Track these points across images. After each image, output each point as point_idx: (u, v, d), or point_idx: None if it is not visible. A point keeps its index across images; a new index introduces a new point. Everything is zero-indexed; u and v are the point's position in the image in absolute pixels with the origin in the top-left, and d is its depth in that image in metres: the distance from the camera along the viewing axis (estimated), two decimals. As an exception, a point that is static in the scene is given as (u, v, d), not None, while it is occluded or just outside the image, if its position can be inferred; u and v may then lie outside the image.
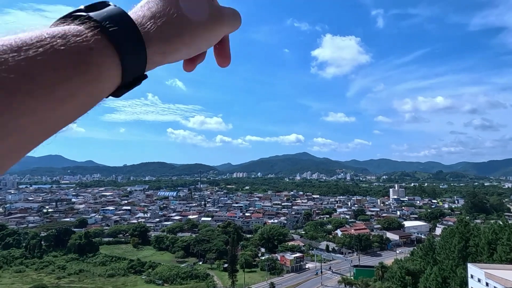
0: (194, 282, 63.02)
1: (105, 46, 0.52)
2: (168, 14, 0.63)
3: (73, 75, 0.47)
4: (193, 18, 0.66)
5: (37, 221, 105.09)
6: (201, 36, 0.68)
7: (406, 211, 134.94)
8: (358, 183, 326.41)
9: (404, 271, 54.86)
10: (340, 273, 68.12)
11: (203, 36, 0.69)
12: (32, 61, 0.44)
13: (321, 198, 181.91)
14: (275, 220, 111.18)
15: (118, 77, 0.54)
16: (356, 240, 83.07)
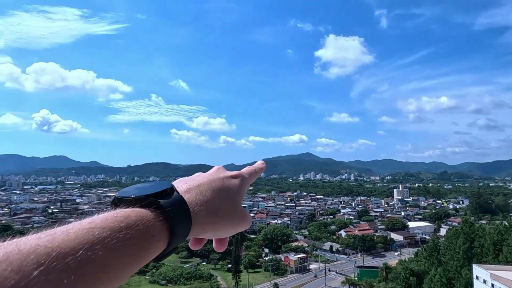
0: (198, 283, 63.09)
1: (164, 231, 0.63)
2: (212, 204, 0.78)
3: (134, 260, 0.60)
4: (224, 217, 0.81)
5: (42, 221, 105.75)
6: (227, 228, 0.83)
7: (411, 212, 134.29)
8: (362, 183, 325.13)
9: (409, 272, 54.59)
10: (344, 273, 67.91)
11: (228, 229, 0.83)
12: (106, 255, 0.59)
13: (325, 198, 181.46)
14: (278, 220, 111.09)
15: (162, 249, 0.65)
16: (360, 241, 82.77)
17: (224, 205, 0.82)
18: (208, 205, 0.77)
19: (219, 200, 0.81)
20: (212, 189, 0.81)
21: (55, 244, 0.58)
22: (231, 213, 0.83)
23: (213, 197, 0.80)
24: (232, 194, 0.86)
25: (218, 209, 0.79)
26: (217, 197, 0.81)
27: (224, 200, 0.82)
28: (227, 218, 0.81)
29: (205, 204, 0.76)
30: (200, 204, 0.75)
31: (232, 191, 0.86)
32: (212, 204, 0.78)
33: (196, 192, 0.77)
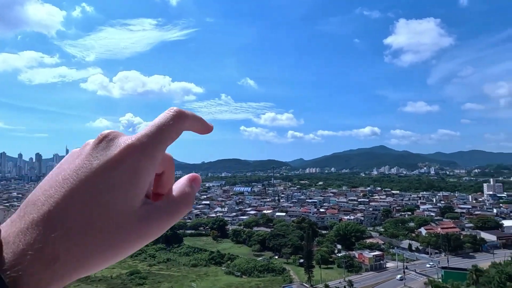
0: (271, 276, 64.44)
1: None
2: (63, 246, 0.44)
3: None
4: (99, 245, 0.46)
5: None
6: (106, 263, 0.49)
7: (505, 209, 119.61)
8: (444, 177, 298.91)
9: (505, 276, 48.68)
10: (426, 274, 63.21)
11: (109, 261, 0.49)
12: None
13: (402, 194, 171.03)
14: (351, 216, 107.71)
15: None
16: (443, 240, 76.27)
17: (94, 228, 0.46)
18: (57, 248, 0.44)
19: (79, 226, 0.45)
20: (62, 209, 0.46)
21: None
22: (111, 234, 0.47)
23: (65, 226, 0.45)
24: (103, 199, 0.48)
25: (79, 242, 0.45)
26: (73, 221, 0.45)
27: (90, 220, 0.46)
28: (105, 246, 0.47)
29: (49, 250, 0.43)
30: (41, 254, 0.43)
31: (103, 192, 0.48)
32: (65, 241, 0.44)
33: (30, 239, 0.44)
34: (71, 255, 0.44)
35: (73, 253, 0.44)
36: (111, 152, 0.50)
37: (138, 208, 0.50)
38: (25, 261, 0.42)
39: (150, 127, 0.54)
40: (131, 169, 0.50)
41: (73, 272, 0.45)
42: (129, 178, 0.49)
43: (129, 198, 0.49)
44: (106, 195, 0.47)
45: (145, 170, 0.51)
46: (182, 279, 65.04)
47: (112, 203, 0.47)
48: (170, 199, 0.56)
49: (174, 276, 66.54)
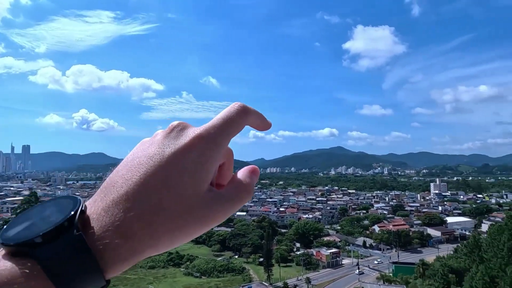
0: (231, 276, 64.30)
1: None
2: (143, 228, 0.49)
3: None
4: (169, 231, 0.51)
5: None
6: (175, 243, 0.53)
7: (449, 207, 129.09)
8: (396, 177, 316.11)
9: (447, 268, 52.63)
10: (378, 269, 66.52)
11: (177, 242, 0.53)
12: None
13: (357, 193, 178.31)
14: (309, 215, 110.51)
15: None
16: (395, 236, 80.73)
17: (166, 210, 0.50)
18: (135, 227, 0.49)
19: (153, 206, 0.50)
20: (139, 191, 0.50)
21: None
22: (181, 217, 0.51)
23: (141, 207, 0.50)
24: (182, 182, 0.52)
25: (153, 222, 0.50)
26: (149, 202, 0.50)
27: (163, 202, 0.51)
28: (175, 227, 0.51)
29: (127, 227, 0.48)
30: (121, 230, 0.48)
31: (175, 177, 0.52)
32: (142, 220, 0.49)
33: (113, 214, 0.49)
34: (145, 233, 0.49)
35: (147, 231, 0.49)
36: (181, 141, 0.54)
37: (204, 193, 0.53)
38: (107, 236, 0.47)
39: (217, 120, 0.58)
40: (199, 157, 0.54)
41: (146, 248, 0.50)
42: (197, 165, 0.53)
43: (197, 184, 0.53)
44: (177, 180, 0.51)
45: (211, 159, 0.55)
46: (138, 281, 62.87)
47: (182, 188, 0.51)
48: (232, 188, 0.59)
49: (130, 279, 64.12)
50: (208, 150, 0.55)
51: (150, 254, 0.51)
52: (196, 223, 0.52)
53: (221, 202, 0.55)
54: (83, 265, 0.45)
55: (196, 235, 0.54)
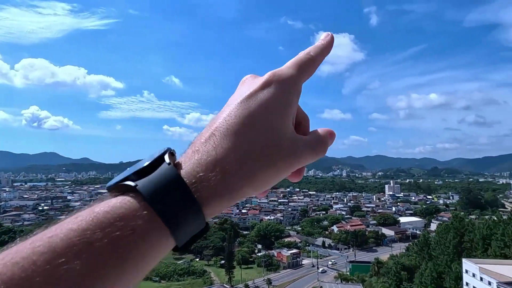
0: (191, 279, 63.14)
1: (150, 223, 0.44)
2: (234, 157, 0.50)
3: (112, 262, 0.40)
4: (263, 167, 0.52)
5: (32, 218, 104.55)
6: (269, 181, 0.54)
7: (402, 207, 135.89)
8: (354, 179, 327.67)
9: (400, 266, 55.38)
10: (336, 269, 68.57)
11: (272, 180, 0.55)
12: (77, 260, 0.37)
13: (318, 194, 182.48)
14: (271, 216, 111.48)
15: (170, 244, 0.47)
16: (352, 236, 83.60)
17: (258, 147, 0.52)
18: (229, 163, 0.50)
19: (246, 145, 0.51)
20: (232, 130, 0.52)
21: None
22: (272, 155, 0.53)
23: (235, 145, 0.51)
24: (267, 121, 0.54)
25: (248, 161, 0.51)
26: (242, 141, 0.52)
27: (256, 140, 0.52)
28: (267, 165, 0.52)
29: (222, 165, 0.49)
30: (213, 168, 0.49)
31: (265, 116, 0.54)
32: (236, 158, 0.50)
33: (206, 150, 0.51)
34: (238, 167, 0.50)
35: (240, 165, 0.50)
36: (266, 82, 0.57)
37: (290, 134, 0.56)
38: (199, 170, 0.49)
39: (297, 60, 0.61)
40: (283, 99, 0.56)
41: (242, 184, 0.51)
42: (284, 106, 0.56)
43: (283, 124, 0.55)
44: (267, 120, 0.54)
45: (293, 102, 0.58)
46: None
47: (271, 127, 0.53)
48: (313, 138, 0.60)
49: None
50: (291, 93, 0.58)
51: (247, 193, 0.52)
52: (286, 161, 0.54)
53: (305, 146, 0.57)
54: (178, 194, 0.46)
55: (285, 174, 0.56)
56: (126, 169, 0.51)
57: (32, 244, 0.38)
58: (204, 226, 0.49)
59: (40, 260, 0.36)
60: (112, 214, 0.42)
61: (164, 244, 0.46)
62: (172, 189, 0.46)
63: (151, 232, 0.44)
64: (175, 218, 0.45)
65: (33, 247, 0.38)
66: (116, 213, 0.42)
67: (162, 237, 0.45)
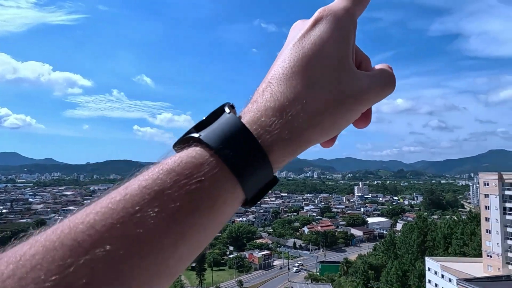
0: (161, 283, 61.79)
1: (218, 169, 0.43)
2: (296, 105, 0.47)
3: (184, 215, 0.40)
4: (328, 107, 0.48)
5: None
6: (338, 123, 0.50)
7: (370, 208, 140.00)
8: (325, 181, 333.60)
9: (367, 265, 57.00)
10: (307, 269, 69.55)
11: (340, 122, 0.51)
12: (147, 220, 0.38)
13: (289, 196, 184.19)
14: (243, 218, 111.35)
15: (240, 196, 0.45)
16: (322, 237, 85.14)
17: (318, 87, 0.48)
18: (290, 106, 0.47)
19: (305, 87, 0.48)
20: (288, 75, 0.49)
21: None
22: (336, 93, 0.49)
23: (294, 88, 0.48)
24: (324, 59, 0.50)
25: (309, 101, 0.47)
26: (301, 83, 0.48)
27: (315, 80, 0.48)
28: (332, 105, 0.48)
29: (283, 109, 0.46)
30: (274, 113, 0.46)
31: (321, 54, 0.50)
32: (296, 100, 0.47)
33: (264, 99, 0.48)
34: (304, 112, 0.47)
35: (306, 110, 0.47)
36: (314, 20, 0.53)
37: (352, 70, 0.52)
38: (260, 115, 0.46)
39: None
40: (338, 34, 0.51)
41: (307, 129, 0.47)
42: (338, 41, 0.51)
43: (343, 60, 0.51)
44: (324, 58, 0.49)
45: (349, 36, 0.53)
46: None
47: (330, 66, 0.49)
48: (380, 72, 0.56)
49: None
50: (346, 27, 0.53)
51: (313, 138, 0.49)
52: (348, 97, 0.50)
53: (372, 81, 0.53)
54: (239, 138, 0.44)
55: (352, 115, 0.52)
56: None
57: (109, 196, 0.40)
58: (271, 178, 0.47)
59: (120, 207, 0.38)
60: (180, 164, 0.42)
61: (234, 195, 0.44)
62: (235, 136, 0.44)
63: (220, 180, 0.43)
64: (243, 165, 0.44)
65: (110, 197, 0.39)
66: (184, 162, 0.42)
67: (231, 187, 0.43)
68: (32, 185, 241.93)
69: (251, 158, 0.44)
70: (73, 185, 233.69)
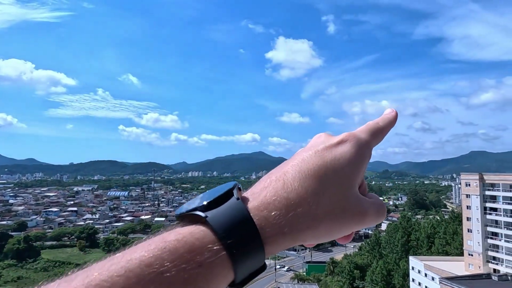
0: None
1: (217, 256, 0.45)
2: (303, 201, 0.51)
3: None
4: (329, 216, 0.52)
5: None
6: (332, 232, 0.54)
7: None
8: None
9: (353, 265, 57.61)
10: (293, 269, 69.87)
11: (334, 232, 0.55)
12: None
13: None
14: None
15: (231, 278, 0.48)
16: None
17: (327, 197, 0.53)
18: (297, 204, 0.51)
19: (315, 192, 0.52)
20: (304, 175, 0.53)
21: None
22: (339, 208, 0.54)
23: (305, 189, 0.52)
24: (339, 174, 0.55)
25: (315, 206, 0.52)
26: (313, 187, 0.52)
27: (325, 189, 0.53)
28: (333, 216, 0.53)
29: (290, 204, 0.51)
30: (281, 206, 0.50)
31: (338, 169, 0.55)
32: (304, 200, 0.51)
33: (275, 188, 0.52)
34: (309, 214, 0.51)
35: (310, 212, 0.51)
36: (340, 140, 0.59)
37: (357, 193, 0.57)
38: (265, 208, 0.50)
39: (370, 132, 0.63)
40: (356, 158, 0.57)
41: (307, 229, 0.51)
42: (354, 165, 0.57)
43: (353, 182, 0.56)
44: (339, 174, 0.55)
45: (364, 163, 0.59)
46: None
47: (342, 183, 0.55)
48: (377, 202, 0.61)
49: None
50: (364, 154, 0.59)
51: (308, 238, 0.52)
52: (348, 216, 0.54)
53: (370, 207, 0.58)
54: (243, 228, 0.47)
55: (346, 230, 0.56)
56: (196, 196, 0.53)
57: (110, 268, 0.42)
58: (262, 264, 0.50)
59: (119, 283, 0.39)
60: (183, 244, 0.44)
61: (226, 279, 0.47)
62: (240, 224, 0.48)
63: (218, 266, 0.45)
64: (240, 254, 0.47)
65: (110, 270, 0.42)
66: (187, 243, 0.45)
67: (226, 272, 0.46)
68: (13, 186, 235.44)
69: (250, 248, 0.47)
70: (56, 186, 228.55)
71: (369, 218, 0.57)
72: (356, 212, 0.55)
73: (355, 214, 0.55)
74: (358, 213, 0.55)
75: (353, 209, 0.55)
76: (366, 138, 0.61)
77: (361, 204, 0.56)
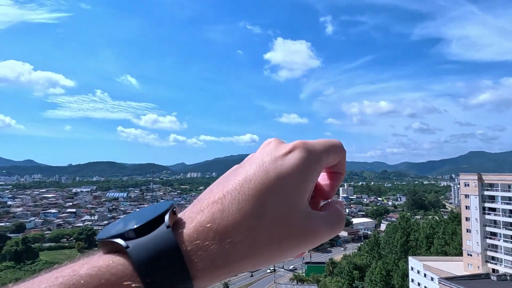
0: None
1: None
2: (241, 232, 0.46)
3: None
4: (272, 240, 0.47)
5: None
6: (276, 258, 0.49)
7: (354, 209, 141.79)
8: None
9: (352, 266, 57.58)
10: (292, 270, 69.79)
11: (279, 257, 0.49)
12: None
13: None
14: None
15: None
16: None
17: (269, 218, 0.48)
18: (234, 232, 0.45)
19: (256, 215, 0.47)
20: (244, 197, 0.48)
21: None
22: (284, 228, 0.48)
23: (244, 213, 0.46)
24: (284, 190, 0.50)
25: (254, 232, 0.46)
26: (252, 210, 0.47)
27: (268, 210, 0.48)
28: (277, 240, 0.48)
29: (226, 232, 0.45)
30: (215, 235, 0.45)
31: (283, 185, 0.50)
32: (242, 226, 0.46)
33: (211, 212, 0.47)
34: (242, 238, 0.45)
35: (245, 236, 0.45)
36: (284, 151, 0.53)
37: (305, 209, 0.51)
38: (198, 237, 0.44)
39: (322, 142, 0.57)
40: (304, 171, 0.52)
41: (243, 258, 0.46)
42: (300, 179, 0.51)
43: (299, 199, 0.50)
44: (278, 189, 0.49)
45: (313, 177, 0.54)
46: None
47: (283, 198, 0.49)
48: (332, 214, 0.56)
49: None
50: (313, 163, 0.53)
51: (247, 267, 0.47)
52: (294, 239, 0.49)
53: (321, 222, 0.52)
54: (169, 263, 0.41)
55: (292, 253, 0.50)
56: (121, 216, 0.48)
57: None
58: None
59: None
60: (97, 280, 0.40)
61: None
62: (165, 259, 0.41)
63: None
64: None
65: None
66: (102, 278, 0.40)
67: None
68: (11, 187, 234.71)
69: (174, 284, 0.41)
70: (54, 187, 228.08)
71: (321, 235, 0.52)
72: (304, 230, 0.50)
73: (303, 232, 0.50)
74: (306, 231, 0.50)
75: (300, 227, 0.49)
76: (317, 148, 0.56)
77: (311, 220, 0.51)
